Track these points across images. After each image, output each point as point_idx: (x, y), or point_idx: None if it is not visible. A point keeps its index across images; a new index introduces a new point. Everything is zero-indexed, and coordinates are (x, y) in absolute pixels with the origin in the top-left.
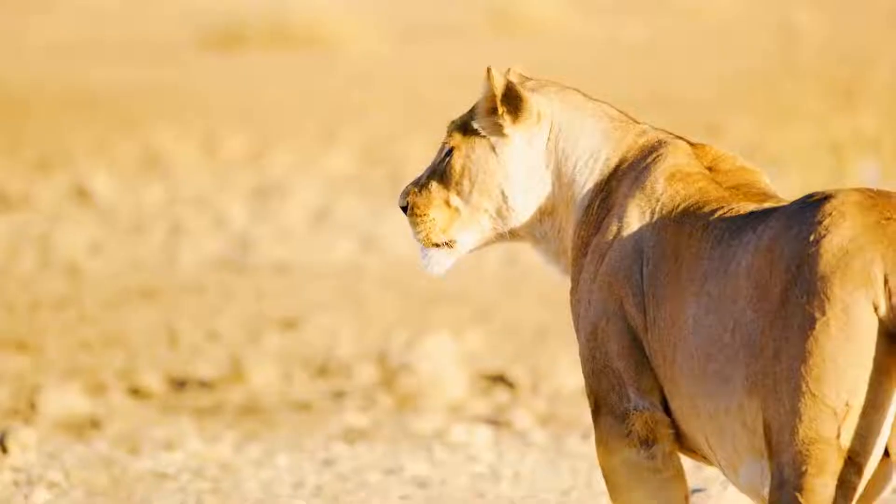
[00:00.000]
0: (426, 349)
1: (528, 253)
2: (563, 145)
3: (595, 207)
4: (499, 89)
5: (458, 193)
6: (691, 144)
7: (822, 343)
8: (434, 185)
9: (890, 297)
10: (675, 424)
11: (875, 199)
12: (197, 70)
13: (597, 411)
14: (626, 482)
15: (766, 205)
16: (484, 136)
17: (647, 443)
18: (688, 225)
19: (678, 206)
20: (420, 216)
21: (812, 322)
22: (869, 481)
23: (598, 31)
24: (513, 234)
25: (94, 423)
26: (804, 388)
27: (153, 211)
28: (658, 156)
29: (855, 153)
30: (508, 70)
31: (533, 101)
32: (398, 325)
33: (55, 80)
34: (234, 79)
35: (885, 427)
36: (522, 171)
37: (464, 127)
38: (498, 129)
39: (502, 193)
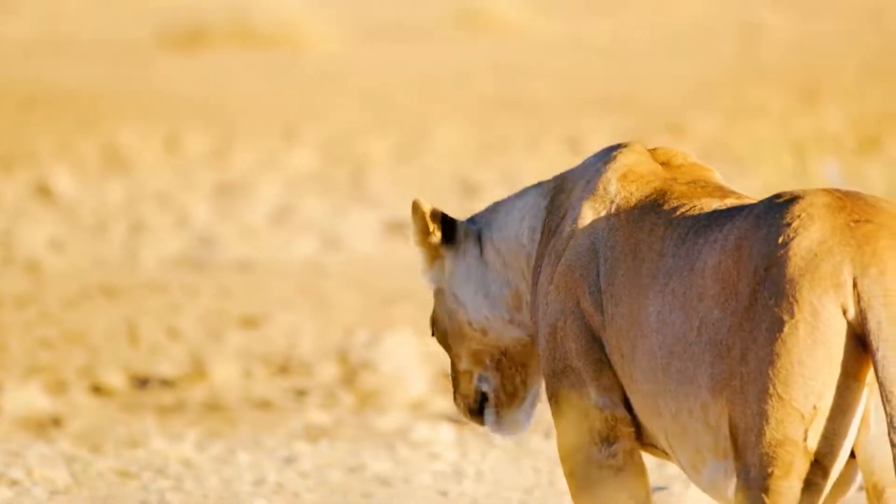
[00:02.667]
0: (388, 347)
1: None
2: (497, 236)
3: (547, 221)
4: (427, 212)
5: (456, 356)
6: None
7: (790, 346)
8: (451, 376)
9: (859, 301)
10: (635, 422)
11: (844, 200)
12: (159, 69)
13: (558, 411)
14: (587, 481)
15: (728, 201)
16: (438, 288)
17: (608, 441)
18: (647, 222)
19: (634, 205)
20: (456, 403)
21: (780, 324)
22: (834, 483)
23: (561, 32)
24: (514, 341)
25: (56, 421)
26: (771, 390)
27: (115, 209)
28: (609, 158)
29: (818, 152)
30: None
31: (458, 221)
32: (360, 323)
33: (18, 78)
34: (197, 77)
35: (851, 429)
36: (471, 285)
37: (436, 300)
38: (438, 257)
39: (468, 323)
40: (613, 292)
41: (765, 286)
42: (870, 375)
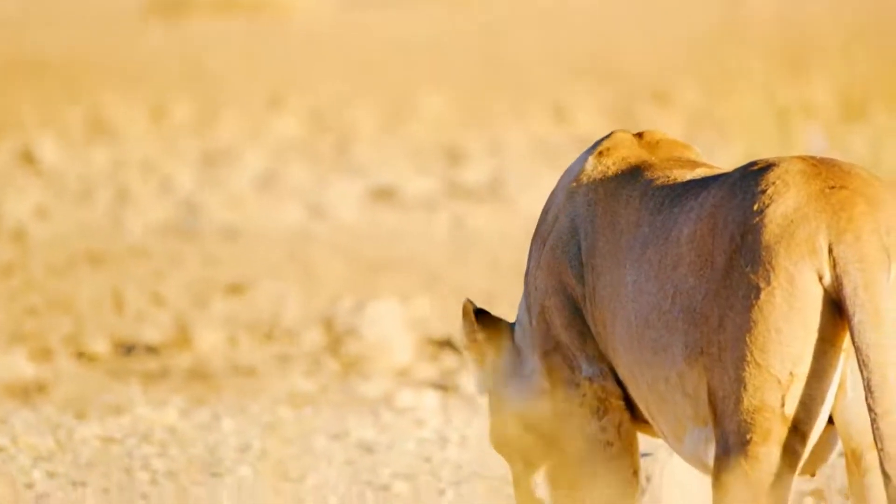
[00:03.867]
0: (373, 314)
1: (475, 218)
2: (521, 312)
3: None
4: (469, 315)
5: (511, 461)
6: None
7: (767, 313)
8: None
9: (835, 267)
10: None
11: (818, 167)
12: (144, 37)
13: (552, 386)
14: (576, 454)
15: (699, 171)
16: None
17: (599, 414)
18: (624, 195)
19: (610, 179)
20: None
21: (757, 291)
22: (813, 448)
23: (546, 0)
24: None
25: (41, 388)
26: (749, 357)
27: (100, 177)
28: (592, 146)
29: (802, 121)
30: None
31: (501, 320)
32: (345, 291)
33: (2, 45)
34: (181, 45)
35: (829, 395)
36: (509, 377)
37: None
38: (480, 355)
39: (511, 415)
40: (594, 264)
41: (741, 253)
42: (846, 341)
